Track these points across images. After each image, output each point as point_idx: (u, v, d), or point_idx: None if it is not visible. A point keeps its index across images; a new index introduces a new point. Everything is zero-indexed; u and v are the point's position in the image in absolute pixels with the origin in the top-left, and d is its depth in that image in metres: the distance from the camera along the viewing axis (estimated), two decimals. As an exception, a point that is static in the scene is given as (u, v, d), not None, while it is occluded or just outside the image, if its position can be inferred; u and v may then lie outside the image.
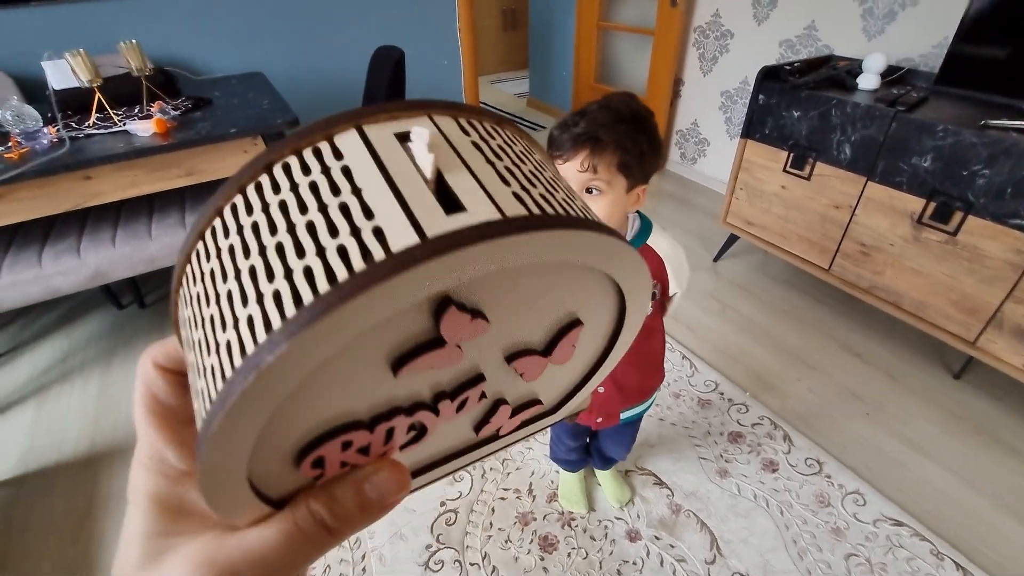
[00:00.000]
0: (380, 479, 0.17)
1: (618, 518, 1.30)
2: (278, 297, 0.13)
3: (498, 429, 0.21)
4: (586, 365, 0.22)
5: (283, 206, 0.14)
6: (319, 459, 0.16)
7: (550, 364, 0.19)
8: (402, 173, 0.14)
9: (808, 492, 1.34)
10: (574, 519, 1.30)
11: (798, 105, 1.75)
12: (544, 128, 3.91)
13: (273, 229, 0.14)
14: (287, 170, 0.15)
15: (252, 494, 0.16)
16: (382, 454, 0.18)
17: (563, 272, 0.16)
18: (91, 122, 1.56)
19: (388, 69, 1.83)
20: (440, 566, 1.21)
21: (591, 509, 1.32)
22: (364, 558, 1.23)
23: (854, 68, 1.82)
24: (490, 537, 1.26)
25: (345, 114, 0.15)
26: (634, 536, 1.26)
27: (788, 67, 1.82)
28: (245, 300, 0.13)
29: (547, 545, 1.25)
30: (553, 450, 1.29)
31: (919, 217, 1.54)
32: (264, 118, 1.62)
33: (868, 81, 1.73)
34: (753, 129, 1.92)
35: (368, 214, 0.13)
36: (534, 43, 4.06)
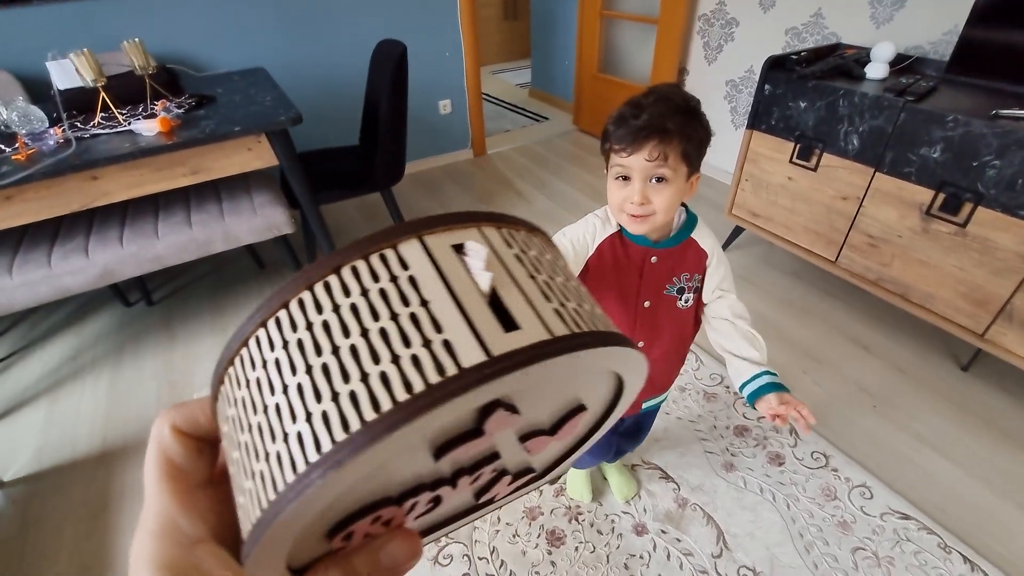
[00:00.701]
0: (394, 548, 0.18)
1: (625, 512, 1.31)
2: (355, 399, 0.13)
3: (495, 495, 0.22)
4: (576, 438, 0.25)
5: (354, 309, 0.15)
6: (349, 534, 0.17)
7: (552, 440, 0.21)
8: (462, 287, 0.15)
9: (815, 485, 1.34)
10: (581, 513, 1.31)
11: (805, 95, 1.73)
12: (547, 119, 3.88)
13: (346, 331, 0.14)
14: (355, 273, 0.15)
15: (285, 570, 0.17)
16: (399, 524, 0.19)
17: (582, 372, 0.18)
18: (96, 122, 1.56)
19: (391, 65, 1.82)
20: (449, 560, 1.22)
21: (598, 504, 1.33)
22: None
23: (862, 57, 1.79)
24: (498, 531, 1.28)
25: (404, 225, 0.16)
26: (641, 530, 1.27)
27: (795, 56, 1.79)
28: (319, 396, 0.14)
29: (555, 539, 1.26)
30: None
31: (928, 208, 1.53)
32: (267, 115, 1.61)
33: (876, 70, 1.70)
34: (759, 120, 1.90)
35: (437, 327, 0.14)
36: (536, 32, 4.01)
